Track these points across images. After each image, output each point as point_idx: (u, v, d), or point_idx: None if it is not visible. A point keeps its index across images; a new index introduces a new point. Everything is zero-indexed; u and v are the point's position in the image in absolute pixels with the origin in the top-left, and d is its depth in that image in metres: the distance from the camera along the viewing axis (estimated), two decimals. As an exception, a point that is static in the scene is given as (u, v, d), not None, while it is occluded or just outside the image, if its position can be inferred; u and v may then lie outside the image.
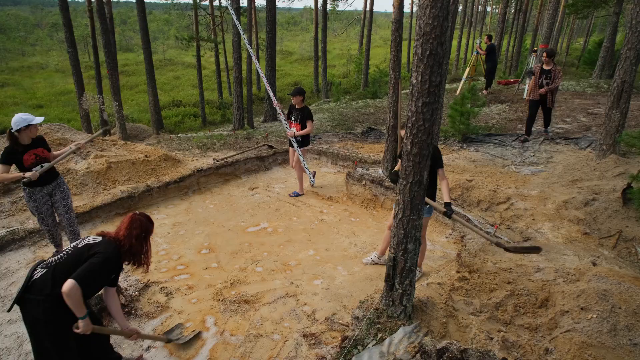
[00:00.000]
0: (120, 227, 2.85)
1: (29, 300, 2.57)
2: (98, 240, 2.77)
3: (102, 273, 2.67)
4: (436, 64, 2.75)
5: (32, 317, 2.59)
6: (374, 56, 35.71)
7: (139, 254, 2.87)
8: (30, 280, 2.60)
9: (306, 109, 6.54)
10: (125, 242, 2.78)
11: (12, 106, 23.52)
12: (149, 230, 2.93)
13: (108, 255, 2.67)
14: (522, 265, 4.20)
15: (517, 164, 7.20)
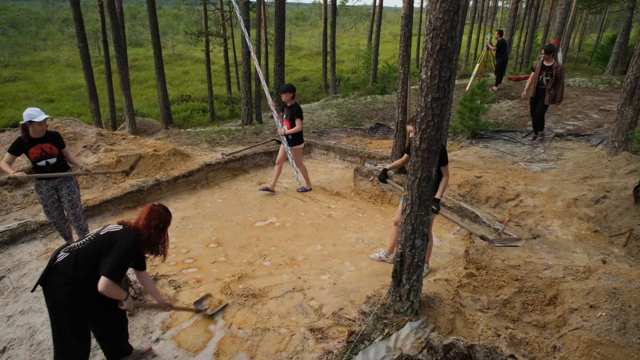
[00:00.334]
0: (139, 217, 2.94)
1: (51, 281, 2.66)
2: (119, 229, 2.85)
3: (126, 262, 2.79)
4: (446, 59, 2.73)
5: (53, 299, 2.69)
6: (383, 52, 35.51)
7: (156, 244, 2.95)
8: (53, 263, 2.71)
9: (295, 106, 6.41)
10: (144, 231, 2.86)
11: (24, 100, 23.78)
12: (167, 221, 3.01)
13: (128, 245, 2.76)
14: (531, 262, 4.17)
15: (526, 161, 7.14)
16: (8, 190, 5.93)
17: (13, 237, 4.98)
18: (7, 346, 3.46)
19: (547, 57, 7.59)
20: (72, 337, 2.74)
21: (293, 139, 6.57)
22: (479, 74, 13.36)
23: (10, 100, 23.74)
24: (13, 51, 37.06)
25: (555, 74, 7.48)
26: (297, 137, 6.57)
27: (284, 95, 6.36)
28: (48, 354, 3.37)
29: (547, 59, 7.61)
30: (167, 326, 3.70)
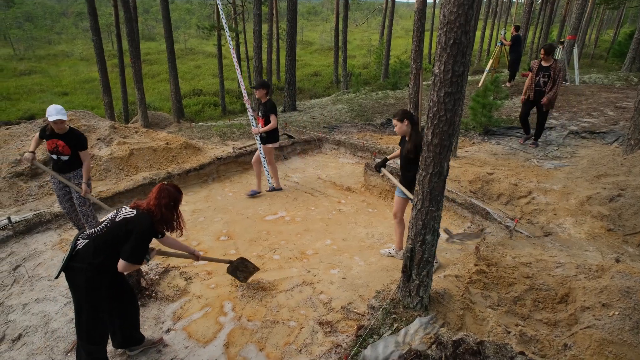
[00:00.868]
0: (149, 197, 2.97)
1: (73, 268, 2.76)
2: (133, 213, 2.88)
3: (143, 245, 2.87)
4: (460, 54, 2.70)
5: (75, 284, 2.78)
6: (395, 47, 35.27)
7: (170, 221, 3.00)
8: (74, 250, 2.79)
9: (269, 102, 6.14)
10: (156, 211, 2.90)
11: (39, 93, 24.11)
12: (177, 199, 3.03)
13: (144, 229, 2.83)
14: (542, 260, 4.14)
15: (539, 158, 7.05)
16: (24, 181, 6.03)
17: (28, 227, 5.08)
18: (22, 333, 3.54)
19: (546, 57, 7.11)
20: (92, 320, 2.84)
21: (267, 137, 6.30)
22: (492, 69, 13.21)
23: (25, 93, 24.09)
24: (28, 45, 37.55)
25: (553, 74, 7.02)
26: (271, 135, 6.30)
27: (257, 91, 6.08)
28: (62, 342, 3.44)
29: (546, 59, 7.14)
30: (178, 317, 3.75)
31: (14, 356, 3.32)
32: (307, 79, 28.47)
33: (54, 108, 4.27)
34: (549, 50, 7.13)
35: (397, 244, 4.70)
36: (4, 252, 4.69)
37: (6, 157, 6.37)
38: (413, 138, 4.23)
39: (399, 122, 4.25)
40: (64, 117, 4.29)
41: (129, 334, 3.23)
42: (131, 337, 3.25)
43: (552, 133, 8.21)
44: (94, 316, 2.83)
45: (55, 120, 4.25)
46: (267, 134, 6.26)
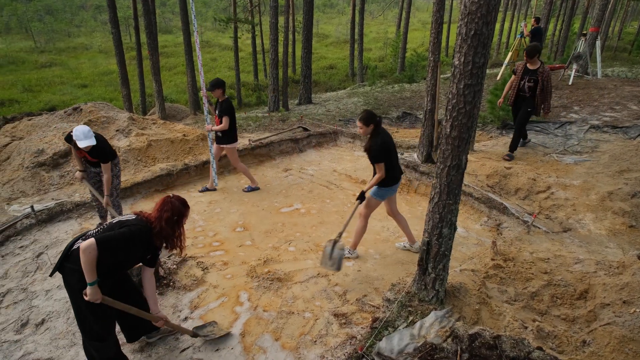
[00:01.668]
0: (153, 208, 2.86)
1: (67, 268, 2.71)
2: (131, 217, 2.83)
3: (125, 245, 2.68)
4: (480, 45, 2.66)
5: (68, 284, 2.74)
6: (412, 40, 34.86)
7: (170, 237, 2.85)
8: (69, 250, 2.74)
9: (225, 102, 5.85)
10: (155, 224, 2.78)
11: (59, 85, 24.54)
12: (182, 214, 2.88)
13: (134, 231, 2.69)
14: (561, 256, 4.08)
15: (559, 153, 6.93)
16: (46, 171, 6.17)
17: (51, 215, 5.20)
18: (45, 318, 3.64)
19: (531, 60, 6.45)
20: (91, 319, 2.77)
21: (223, 137, 5.96)
22: (511, 62, 12.96)
23: (46, 85, 24.54)
24: (49, 37, 38.17)
25: (541, 80, 6.36)
26: (228, 135, 5.96)
27: (212, 92, 5.84)
28: (83, 327, 3.52)
29: (532, 62, 6.47)
30: (195, 306, 3.81)
31: (37, 340, 3.42)
32: (322, 72, 28.37)
33: (82, 132, 4.24)
34: (531, 52, 6.40)
35: (408, 237, 4.69)
36: (27, 240, 4.82)
37: (29, 147, 6.51)
38: (368, 141, 4.19)
39: (365, 126, 4.12)
40: (93, 142, 4.27)
41: (141, 324, 3.23)
42: (144, 326, 3.26)
43: (572, 127, 8.05)
44: (94, 315, 2.76)
45: (85, 147, 4.28)
46: (222, 134, 5.93)
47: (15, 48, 34.12)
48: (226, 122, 5.81)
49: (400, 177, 4.40)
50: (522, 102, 6.65)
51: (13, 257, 4.54)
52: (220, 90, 5.81)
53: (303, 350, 3.26)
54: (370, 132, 4.16)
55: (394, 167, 4.28)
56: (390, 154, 4.20)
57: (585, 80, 11.61)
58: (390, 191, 4.36)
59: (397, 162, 4.37)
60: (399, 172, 4.38)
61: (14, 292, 3.99)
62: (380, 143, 4.09)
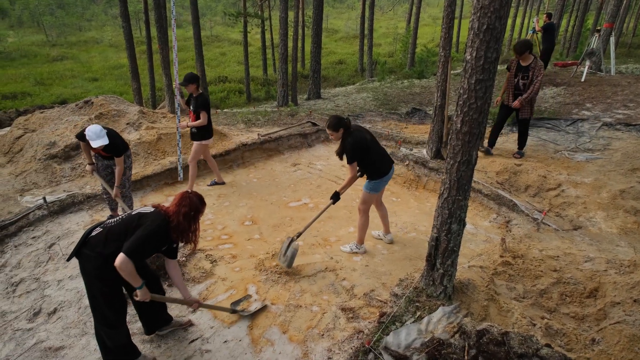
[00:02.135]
0: (172, 202, 2.92)
1: (84, 254, 2.77)
2: (149, 211, 2.87)
3: (149, 244, 2.75)
4: (493, 40, 2.64)
5: (85, 271, 2.80)
6: (422, 35, 34.59)
7: (186, 232, 2.89)
8: (87, 237, 2.80)
9: (201, 97, 5.68)
10: (173, 218, 2.83)
11: (71, 79, 24.74)
12: (198, 209, 2.93)
13: (154, 228, 2.74)
14: (571, 253, 4.05)
15: (570, 150, 6.85)
16: (57, 163, 6.24)
17: (62, 207, 5.27)
18: (57, 307, 3.70)
19: (521, 56, 6.09)
20: (104, 306, 2.83)
21: (198, 132, 5.77)
22: (523, 58, 12.81)
23: (58, 78, 24.76)
24: (60, 31, 38.47)
25: (531, 76, 6.05)
26: (202, 131, 5.78)
27: (187, 87, 5.65)
28: (94, 317, 3.58)
29: (523, 58, 6.11)
30: (203, 298, 3.85)
31: (49, 329, 3.48)
32: (331, 67, 28.27)
33: (94, 132, 4.28)
34: (519, 49, 6.06)
35: (384, 227, 4.78)
36: (39, 231, 4.89)
37: (41, 140, 6.59)
38: (339, 145, 4.19)
39: (335, 132, 4.12)
40: (105, 141, 4.32)
41: (157, 317, 3.30)
42: (159, 319, 3.33)
43: (584, 125, 7.95)
44: (107, 302, 2.82)
45: (97, 147, 4.34)
46: (197, 130, 5.75)
47: (28, 42, 34.45)
48: (204, 117, 5.64)
49: (390, 167, 4.33)
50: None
51: (26, 248, 4.61)
52: (195, 85, 5.62)
53: (310, 343, 3.28)
54: (341, 136, 4.16)
55: (379, 159, 4.23)
56: (368, 150, 4.15)
57: (599, 77, 11.45)
58: (382, 183, 4.33)
59: (383, 153, 4.30)
60: (388, 162, 4.32)
61: (27, 282, 4.06)
62: (352, 143, 4.06)
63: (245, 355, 3.21)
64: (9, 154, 6.88)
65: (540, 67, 6.05)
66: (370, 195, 4.36)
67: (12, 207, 5.23)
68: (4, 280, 4.10)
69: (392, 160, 4.43)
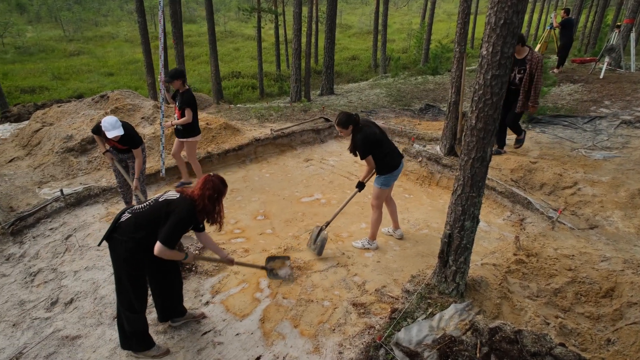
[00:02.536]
0: (195, 186, 3.04)
1: (115, 239, 2.88)
2: (176, 197, 2.97)
3: (181, 229, 2.90)
4: (510, 35, 2.61)
5: (116, 254, 2.91)
6: (436, 31, 34.21)
7: (211, 213, 3.03)
8: (117, 222, 2.91)
9: (187, 93, 5.51)
10: (199, 201, 2.95)
11: (87, 73, 25.05)
12: (221, 192, 3.06)
13: (183, 214, 2.87)
14: (586, 253, 3.99)
15: (587, 148, 6.74)
16: (74, 156, 6.34)
17: (79, 199, 5.36)
18: (74, 298, 3.77)
19: (519, 47, 5.73)
20: (129, 289, 2.96)
21: (184, 130, 5.63)
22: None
23: (74, 73, 25.10)
24: (77, 26, 38.94)
25: (529, 69, 5.65)
26: (188, 128, 5.63)
27: (172, 83, 5.47)
28: (110, 308, 3.64)
29: (518, 51, 5.75)
30: (216, 291, 3.89)
31: (66, 318, 3.55)
32: (344, 63, 28.15)
33: (110, 123, 4.35)
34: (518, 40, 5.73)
35: (393, 223, 4.80)
36: (57, 222, 4.99)
37: (58, 133, 6.71)
38: (351, 142, 4.22)
39: (344, 129, 4.15)
40: (121, 132, 4.40)
41: (173, 307, 3.37)
42: (175, 309, 3.39)
43: (602, 122, 7.80)
44: (132, 286, 2.95)
45: (113, 137, 4.41)
46: (183, 127, 5.61)
47: (45, 37, 34.96)
48: (189, 115, 5.51)
49: (400, 161, 4.34)
50: (514, 97, 5.96)
51: (44, 239, 4.70)
52: (180, 80, 5.45)
53: (321, 337, 3.30)
54: (351, 133, 4.18)
55: (389, 153, 4.25)
56: (378, 143, 4.18)
57: (618, 74, 11.22)
58: (393, 177, 4.35)
59: (392, 148, 4.32)
60: (398, 156, 4.34)
61: (45, 272, 4.15)
62: (362, 138, 4.09)
63: (256, 348, 3.24)
64: (27, 146, 7.02)
65: (539, 60, 5.65)
66: (382, 190, 4.37)
67: (31, 199, 5.34)
68: (23, 270, 4.20)
69: (402, 154, 4.44)
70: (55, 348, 3.26)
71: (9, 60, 27.21)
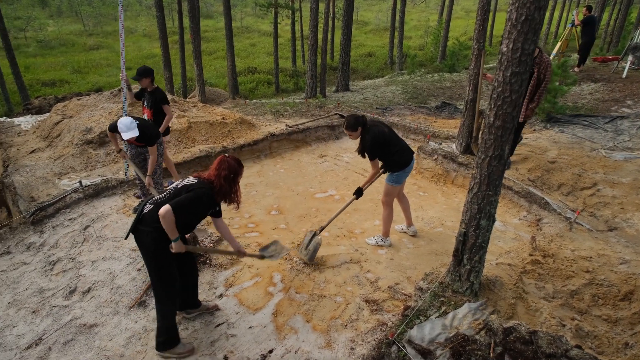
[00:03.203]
0: (211, 168, 3.07)
1: (140, 230, 2.92)
2: (194, 181, 3.02)
3: (194, 207, 2.91)
4: (531, 31, 2.57)
5: (143, 247, 2.95)
6: (454, 28, 33.79)
7: (228, 194, 3.06)
8: (141, 214, 2.95)
9: (159, 91, 5.28)
10: (216, 182, 2.98)
11: (106, 67, 25.43)
12: (237, 172, 3.09)
13: (200, 193, 2.91)
14: (605, 255, 3.92)
15: (608, 149, 6.59)
16: (93, 148, 6.45)
17: (97, 191, 5.45)
18: (91, 287, 3.85)
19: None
20: (156, 280, 3.00)
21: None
22: (560, 53, 12.36)
23: (94, 67, 25.50)
24: (97, 21, 39.53)
25: (537, 72, 5.11)
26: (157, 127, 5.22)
27: (141, 81, 5.18)
28: (126, 297, 3.71)
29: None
30: (230, 284, 3.93)
31: (84, 307, 3.63)
32: (360, 60, 28.02)
33: (125, 125, 4.38)
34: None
35: (406, 220, 4.79)
36: (75, 213, 5.08)
37: (78, 126, 6.83)
38: (362, 141, 4.19)
39: (353, 132, 4.15)
40: (135, 134, 4.42)
41: (189, 297, 3.41)
42: (191, 300, 3.43)
43: (624, 122, 7.63)
44: (160, 276, 2.98)
45: (128, 139, 4.46)
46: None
47: (66, 31, 35.56)
48: (169, 112, 5.31)
49: (411, 158, 4.31)
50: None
51: (63, 229, 4.80)
52: (149, 79, 5.19)
53: (334, 333, 3.31)
54: (360, 135, 4.17)
55: (399, 150, 4.23)
56: (387, 143, 4.16)
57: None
58: (404, 174, 4.34)
59: (403, 145, 4.30)
60: (409, 153, 4.31)
61: (63, 261, 4.24)
62: (371, 139, 4.08)
63: (269, 342, 3.26)
64: (48, 138, 7.16)
65: (549, 64, 5.17)
66: (393, 187, 4.36)
67: (51, 190, 5.46)
68: (43, 259, 4.30)
69: (413, 151, 4.43)
70: (73, 335, 3.34)
71: (30, 54, 27.76)
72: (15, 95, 17.46)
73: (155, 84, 5.38)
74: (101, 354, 3.17)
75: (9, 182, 5.66)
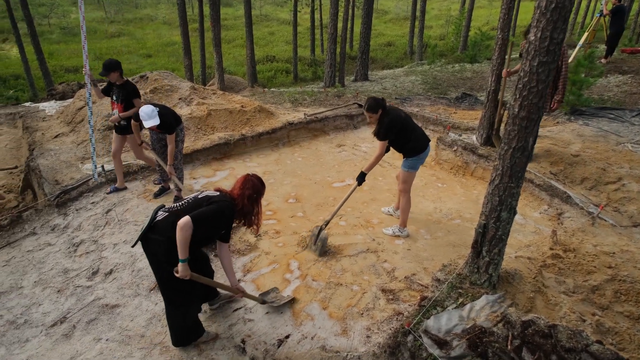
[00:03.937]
0: (234, 186, 2.96)
1: (151, 239, 2.74)
2: (216, 194, 2.90)
3: (214, 221, 2.76)
4: (561, 19, 2.50)
5: (152, 254, 2.79)
6: (476, 18, 33.07)
7: (249, 214, 2.94)
8: (153, 221, 2.76)
9: (129, 84, 5.06)
10: (238, 201, 2.86)
11: (127, 54, 25.71)
12: (260, 192, 2.97)
13: (223, 207, 2.77)
14: (628, 251, 3.84)
15: (634, 142, 6.41)
16: (115, 134, 6.56)
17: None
18: (113, 269, 3.95)
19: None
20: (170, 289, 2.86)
21: (128, 125, 5.10)
22: (587, 44, 12.00)
23: (115, 54, 25.79)
24: (118, 8, 39.91)
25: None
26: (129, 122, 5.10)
27: (109, 76, 4.93)
28: (146, 280, 3.80)
29: None
30: (247, 270, 3.98)
31: (106, 287, 3.73)
32: (380, 49, 27.69)
33: (146, 113, 4.41)
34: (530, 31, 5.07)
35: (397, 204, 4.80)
36: (98, 197, 5.20)
37: (100, 111, 6.95)
38: (379, 123, 4.19)
39: (374, 114, 4.14)
40: (157, 122, 4.45)
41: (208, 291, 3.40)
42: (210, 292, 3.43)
43: (652, 116, 7.40)
44: (173, 285, 2.82)
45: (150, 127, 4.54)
46: (126, 122, 5.12)
47: (88, 18, 36.01)
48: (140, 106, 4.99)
49: (427, 144, 4.33)
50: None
51: (86, 212, 4.92)
52: (117, 72, 4.96)
53: (350, 321, 3.33)
54: (379, 117, 4.17)
55: (415, 136, 4.25)
56: (404, 129, 4.19)
57: (672, 66, 10.57)
58: (420, 160, 4.35)
59: (419, 131, 4.33)
60: (424, 139, 4.32)
61: (86, 243, 4.35)
62: (389, 121, 4.11)
63: (286, 327, 3.30)
64: (71, 123, 7.31)
65: (565, 51, 5.08)
66: (410, 173, 4.38)
67: (74, 174, 5.58)
68: (67, 241, 4.42)
69: (429, 138, 4.44)
70: (96, 315, 3.44)
71: (54, 41, 28.23)
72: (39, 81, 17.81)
73: (125, 78, 5.14)
74: (123, 334, 3.26)
75: (35, 166, 5.81)
